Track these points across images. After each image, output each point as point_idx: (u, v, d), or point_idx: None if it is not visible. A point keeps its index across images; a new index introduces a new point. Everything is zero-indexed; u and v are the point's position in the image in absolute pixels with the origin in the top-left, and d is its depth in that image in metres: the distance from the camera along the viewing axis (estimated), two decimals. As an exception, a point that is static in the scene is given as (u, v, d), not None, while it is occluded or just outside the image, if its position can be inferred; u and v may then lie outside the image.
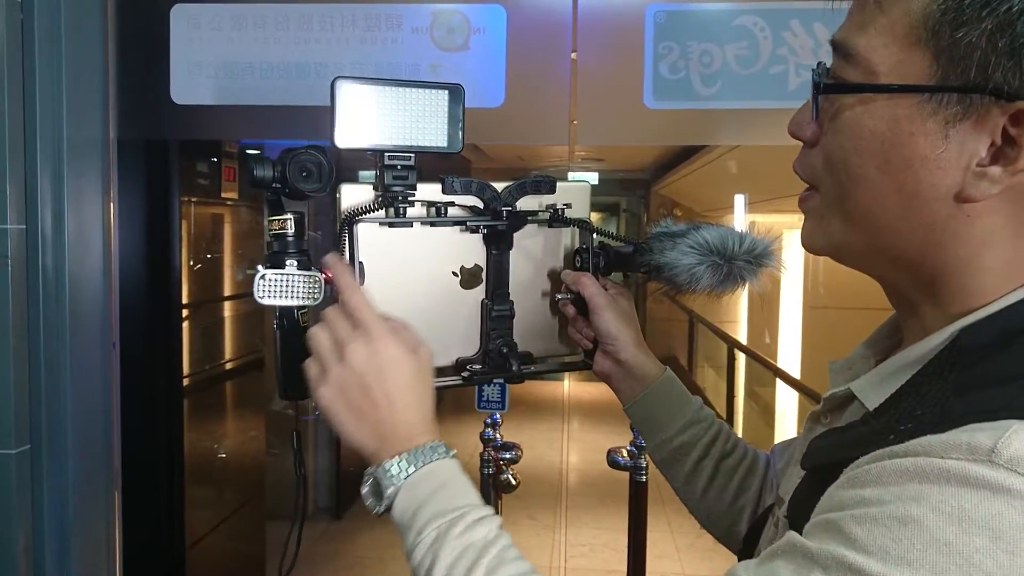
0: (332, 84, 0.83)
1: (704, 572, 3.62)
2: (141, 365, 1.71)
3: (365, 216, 0.88)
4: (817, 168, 0.59)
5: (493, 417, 2.12)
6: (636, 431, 1.90)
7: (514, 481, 2.12)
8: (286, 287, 0.82)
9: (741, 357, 5.29)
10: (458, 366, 0.95)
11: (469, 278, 0.94)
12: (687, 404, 0.92)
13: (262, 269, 0.82)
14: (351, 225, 0.87)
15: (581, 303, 0.94)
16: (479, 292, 0.95)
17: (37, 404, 1.33)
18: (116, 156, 1.46)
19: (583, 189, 1.00)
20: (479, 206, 0.92)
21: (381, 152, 0.86)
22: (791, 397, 4.79)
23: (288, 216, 0.85)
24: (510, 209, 0.92)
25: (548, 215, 0.96)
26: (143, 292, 1.72)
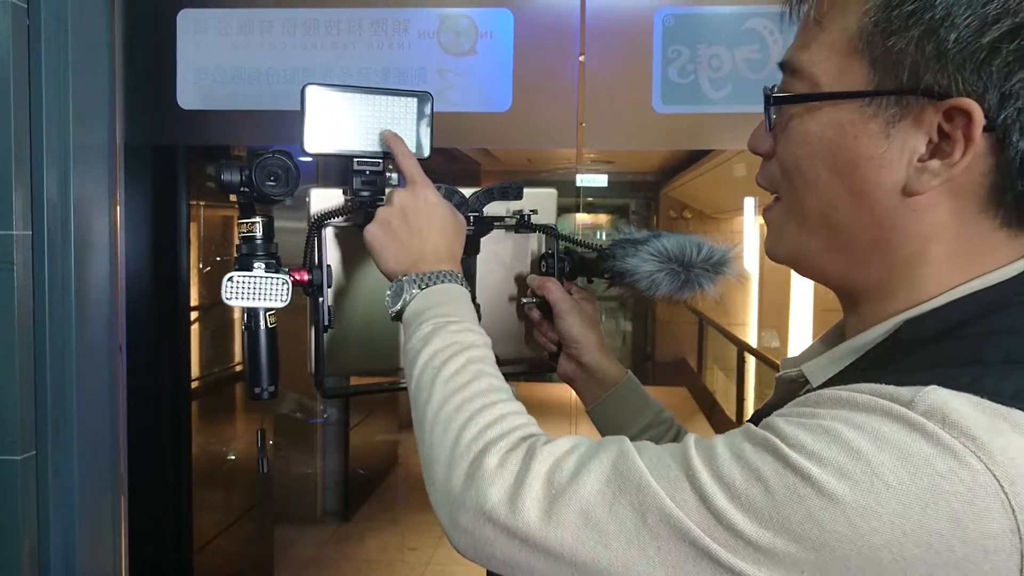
0: (302, 90, 0.85)
1: None
2: (148, 369, 1.71)
3: (334, 220, 0.89)
4: (776, 177, 0.64)
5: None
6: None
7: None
8: (253, 289, 0.84)
9: (751, 360, 5.25)
10: None
11: None
12: (648, 407, 0.95)
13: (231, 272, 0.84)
14: (319, 229, 0.88)
15: (546, 307, 0.97)
16: None
17: (43, 409, 1.32)
18: (123, 161, 1.46)
19: (549, 195, 1.02)
20: None
21: (350, 158, 0.88)
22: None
23: (256, 220, 0.87)
24: (477, 214, 0.94)
25: (514, 221, 0.98)
26: (150, 296, 1.71)
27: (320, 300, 0.89)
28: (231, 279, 0.84)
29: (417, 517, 4.13)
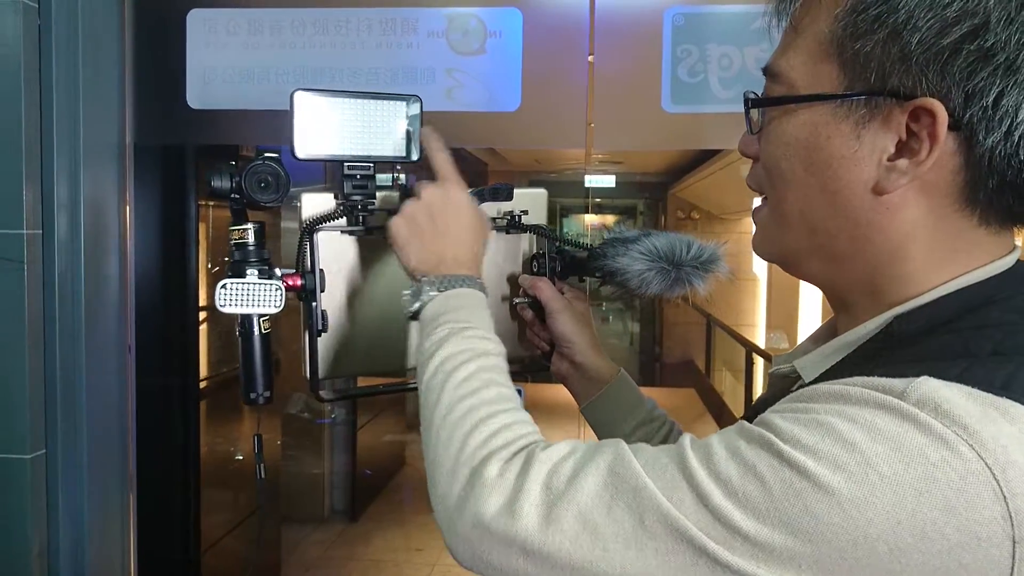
0: (291, 96, 0.85)
1: None
2: (157, 368, 1.71)
3: (326, 224, 0.89)
4: (762, 178, 0.66)
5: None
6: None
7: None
8: (247, 296, 0.84)
9: (759, 361, 5.24)
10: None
11: None
12: (640, 404, 0.95)
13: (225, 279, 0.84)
14: (311, 233, 0.88)
15: (538, 307, 0.97)
16: None
17: (52, 408, 1.33)
18: (133, 160, 1.46)
19: (540, 196, 1.03)
20: None
21: (340, 162, 0.88)
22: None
23: (249, 226, 0.88)
24: None
25: (505, 222, 0.98)
26: (159, 296, 1.72)
27: (313, 305, 0.89)
28: (225, 286, 0.84)
29: (424, 518, 4.13)
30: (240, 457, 2.77)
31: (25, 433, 1.29)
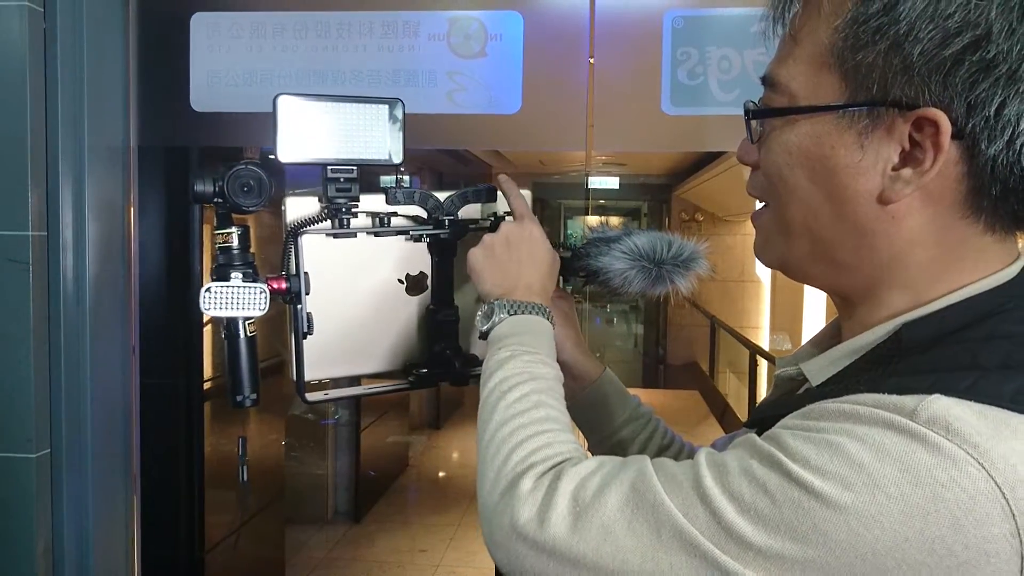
0: (274, 100, 0.86)
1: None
2: (161, 369, 1.72)
3: (310, 228, 0.90)
4: (764, 186, 0.66)
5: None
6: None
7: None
8: (231, 299, 0.85)
9: (763, 363, 5.23)
10: (406, 370, 0.98)
11: (414, 285, 0.98)
12: (625, 402, 0.97)
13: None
14: (296, 237, 0.89)
15: None
16: (424, 298, 0.98)
17: (57, 408, 1.34)
18: (137, 163, 1.47)
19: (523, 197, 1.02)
20: (423, 215, 0.95)
21: (324, 165, 0.88)
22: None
23: (233, 230, 0.88)
24: (452, 218, 0.95)
25: (488, 223, 0.99)
26: (163, 297, 1.73)
27: (299, 308, 0.90)
28: (209, 290, 0.85)
29: (428, 519, 4.14)
30: (245, 478, 2.78)
31: (30, 432, 1.30)
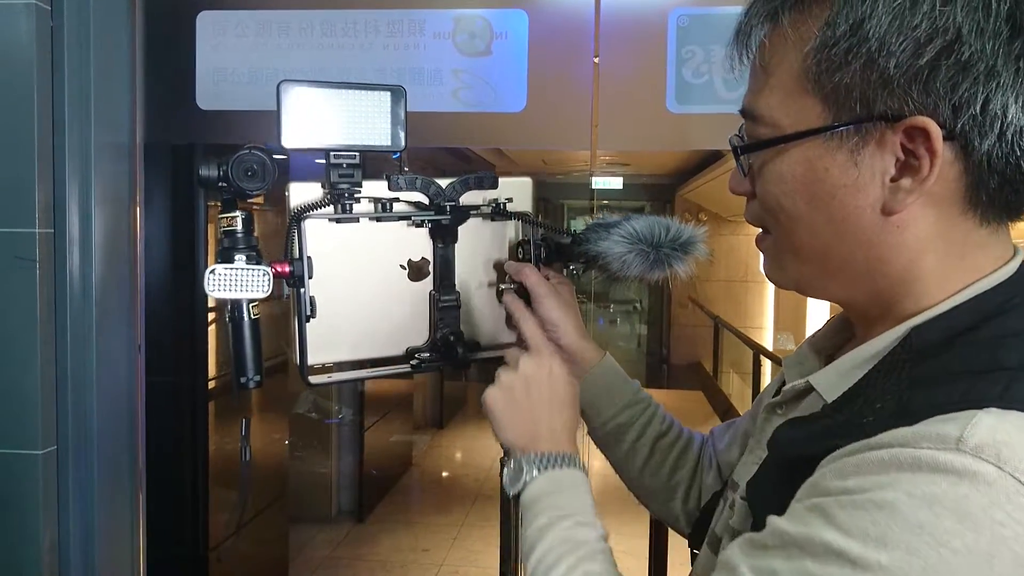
0: (278, 87, 0.86)
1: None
2: (166, 367, 1.72)
3: (313, 213, 0.91)
4: (761, 215, 0.66)
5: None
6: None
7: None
8: (235, 281, 0.86)
9: (767, 363, 5.23)
10: (407, 355, 0.99)
11: (416, 271, 0.98)
12: (625, 387, 0.97)
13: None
14: (299, 222, 0.90)
15: (524, 293, 0.99)
16: (426, 284, 0.99)
17: (63, 406, 1.35)
18: (143, 160, 1.48)
19: (524, 184, 1.04)
20: (424, 201, 0.96)
21: (327, 152, 0.89)
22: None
23: (237, 214, 0.89)
24: (454, 204, 0.96)
25: (490, 209, 1.00)
26: (169, 295, 1.73)
27: (301, 291, 0.91)
28: (213, 271, 0.86)
29: (431, 519, 4.14)
30: (248, 459, 2.79)
31: (36, 430, 1.30)
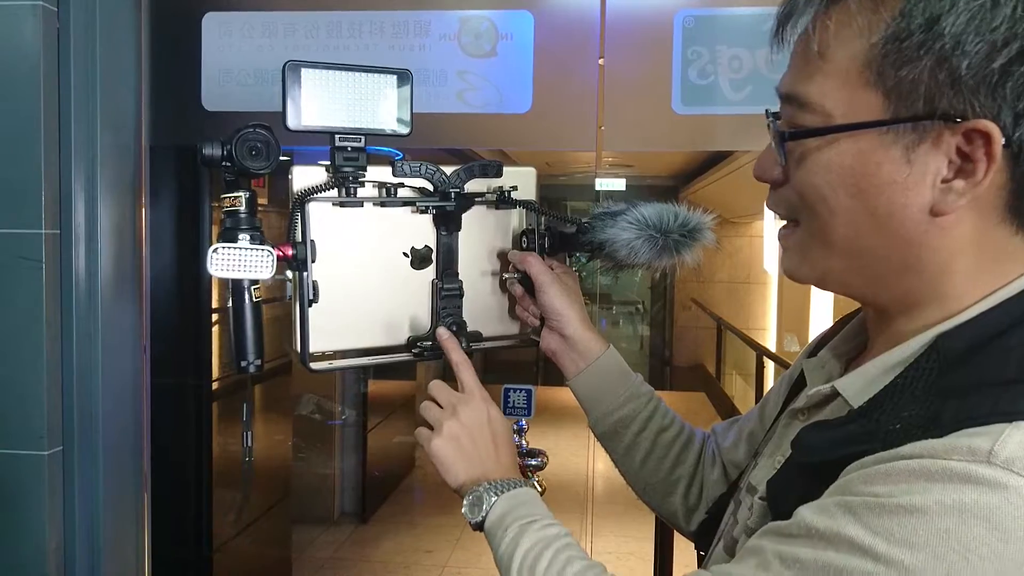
0: (283, 68, 0.85)
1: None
2: (171, 369, 1.73)
3: (317, 196, 0.89)
4: (794, 204, 0.64)
5: (519, 424, 2.11)
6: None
7: (540, 488, 2.11)
8: (239, 261, 0.85)
9: (770, 365, 5.22)
10: (409, 344, 0.98)
11: (419, 259, 0.97)
12: (629, 380, 0.97)
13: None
14: (303, 204, 0.89)
15: (528, 282, 0.98)
16: (429, 272, 0.98)
17: (69, 407, 1.35)
18: (148, 162, 1.48)
19: (529, 173, 1.04)
20: (429, 188, 0.95)
21: (332, 134, 0.88)
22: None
23: (241, 193, 0.88)
24: (458, 191, 0.95)
25: (495, 197, 0.99)
26: (173, 296, 1.74)
27: (304, 275, 0.90)
28: (216, 251, 0.84)
29: (434, 520, 4.14)
30: (250, 458, 2.79)
31: (42, 430, 1.30)
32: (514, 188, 0.99)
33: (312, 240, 0.90)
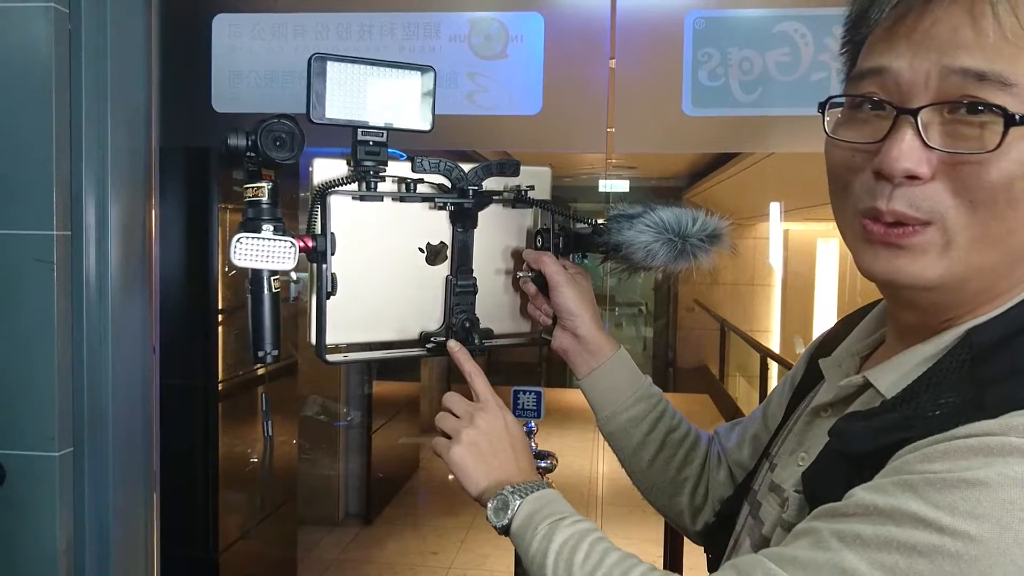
0: (309, 60, 0.86)
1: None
2: (179, 369, 1.73)
3: (338, 189, 0.90)
4: (943, 201, 0.58)
5: (528, 426, 2.11)
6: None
7: (549, 490, 2.10)
8: (262, 251, 0.85)
9: (774, 366, 5.22)
10: (422, 339, 0.98)
11: (434, 255, 0.98)
12: (638, 380, 0.98)
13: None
14: (324, 197, 0.89)
15: (542, 281, 0.99)
16: (444, 268, 0.99)
17: (79, 407, 1.35)
18: (158, 163, 1.48)
19: (544, 173, 1.05)
20: (447, 185, 0.96)
21: (354, 127, 0.89)
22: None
23: (263, 184, 0.88)
24: (476, 188, 0.96)
25: (512, 196, 1.00)
26: (182, 297, 1.74)
27: (323, 267, 0.90)
28: (240, 240, 0.84)
29: (439, 521, 4.13)
30: (255, 460, 2.79)
31: (53, 431, 1.31)
32: (531, 188, 1.00)
33: (332, 232, 0.90)
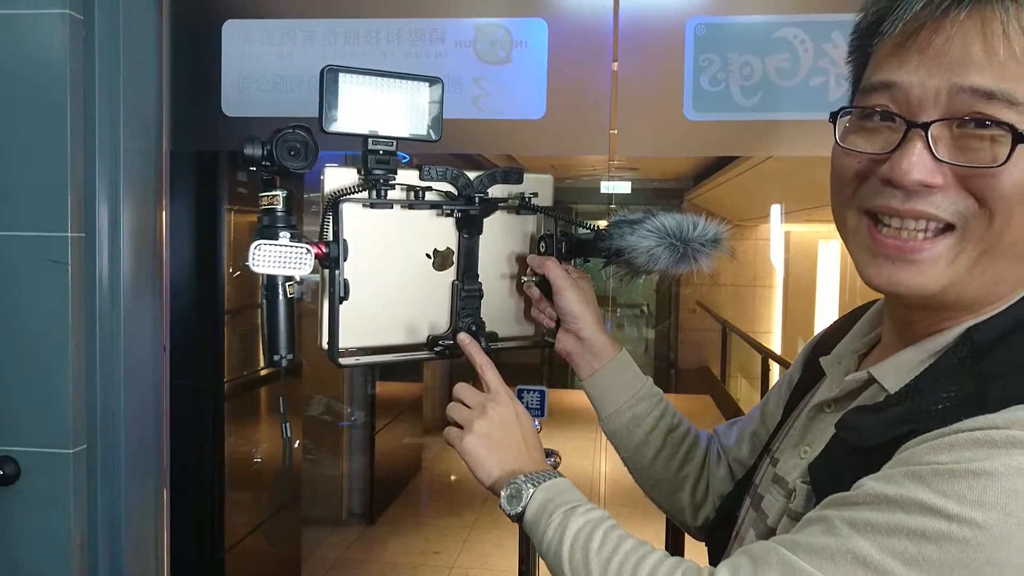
0: (321, 72, 0.89)
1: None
2: (187, 369, 1.75)
3: (349, 197, 0.93)
4: (963, 209, 0.60)
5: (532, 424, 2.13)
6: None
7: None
8: (279, 257, 0.88)
9: (775, 367, 5.23)
10: (430, 342, 1.01)
11: (441, 260, 1.01)
12: (640, 380, 1.01)
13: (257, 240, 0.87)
14: (336, 205, 0.92)
15: (545, 285, 1.02)
16: (450, 273, 1.02)
17: (92, 405, 1.37)
18: (169, 167, 1.50)
19: (547, 180, 1.08)
20: (453, 192, 0.99)
21: (365, 138, 0.92)
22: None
23: (279, 192, 0.91)
24: (482, 195, 0.99)
25: (516, 202, 1.03)
26: (191, 298, 1.76)
27: (336, 273, 0.93)
28: (259, 247, 0.87)
29: (441, 521, 4.15)
30: (260, 459, 2.81)
31: (68, 429, 1.33)
32: (534, 195, 1.03)
33: (344, 239, 0.93)
